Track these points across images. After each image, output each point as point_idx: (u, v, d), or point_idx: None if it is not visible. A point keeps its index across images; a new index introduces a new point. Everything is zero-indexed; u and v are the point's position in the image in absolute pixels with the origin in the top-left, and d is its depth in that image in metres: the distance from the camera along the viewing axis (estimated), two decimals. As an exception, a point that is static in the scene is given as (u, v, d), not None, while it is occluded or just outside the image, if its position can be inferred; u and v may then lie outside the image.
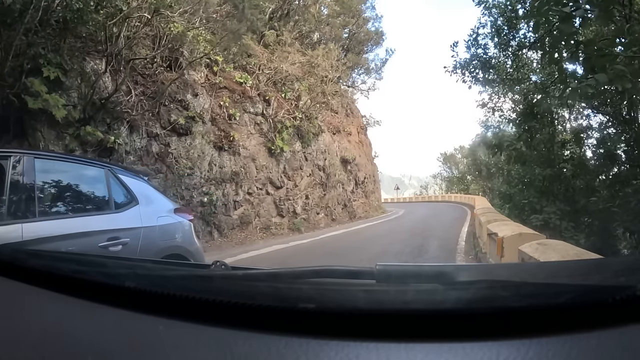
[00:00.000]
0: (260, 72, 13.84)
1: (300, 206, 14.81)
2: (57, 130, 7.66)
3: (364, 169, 24.35)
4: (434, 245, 9.93)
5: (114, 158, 8.63)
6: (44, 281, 1.11)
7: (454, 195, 47.39)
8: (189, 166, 10.26)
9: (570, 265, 1.56)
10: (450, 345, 0.74)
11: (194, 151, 10.53)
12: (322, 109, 17.55)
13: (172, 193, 9.74)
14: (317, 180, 16.91)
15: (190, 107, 10.71)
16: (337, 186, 19.21)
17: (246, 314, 0.84)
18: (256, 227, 12.19)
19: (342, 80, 20.32)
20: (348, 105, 25.13)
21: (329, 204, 17.58)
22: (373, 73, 29.47)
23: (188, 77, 11.10)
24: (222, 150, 11.51)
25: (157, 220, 3.56)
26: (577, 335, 0.73)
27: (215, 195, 10.98)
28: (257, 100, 13.57)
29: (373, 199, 25.86)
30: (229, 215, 11.40)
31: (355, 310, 0.82)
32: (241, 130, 12.46)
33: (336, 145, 20.38)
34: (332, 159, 18.93)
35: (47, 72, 7.29)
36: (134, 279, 1.02)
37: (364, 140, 27.38)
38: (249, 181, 12.37)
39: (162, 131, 9.89)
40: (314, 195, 16.01)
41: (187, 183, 10.29)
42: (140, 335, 0.89)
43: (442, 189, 61.91)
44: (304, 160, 15.92)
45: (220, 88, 12.28)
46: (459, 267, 2.99)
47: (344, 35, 25.03)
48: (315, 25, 19.41)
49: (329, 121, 20.31)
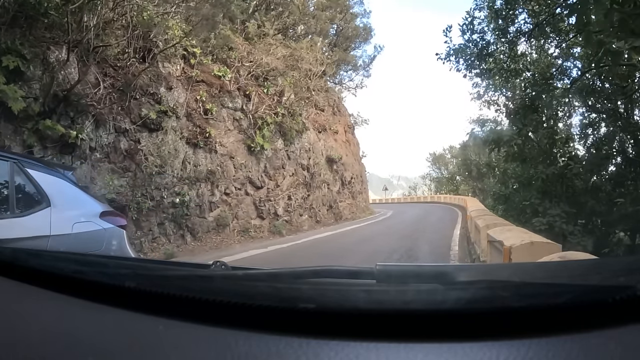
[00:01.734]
0: (240, 66, 13.57)
1: (282, 207, 14.55)
2: (15, 124, 7.33)
3: (351, 169, 24.45)
4: (425, 250, 9.75)
5: (77, 155, 8.31)
6: (44, 281, 1.13)
7: (444, 196, 48.50)
8: (159, 164, 9.94)
9: (570, 265, 1.60)
10: (450, 345, 0.76)
11: (165, 148, 10.27)
12: (306, 105, 17.41)
13: (141, 193, 9.53)
14: (301, 180, 16.73)
15: (163, 100, 10.47)
16: (322, 186, 19.12)
17: (246, 314, 0.86)
18: (234, 230, 11.90)
19: (329, 77, 20.13)
20: (335, 103, 25.31)
21: (314, 205, 17.44)
22: (361, 70, 29.88)
23: (163, 70, 10.87)
24: (197, 147, 11.20)
25: (73, 227, 3.10)
26: (577, 335, 0.75)
27: (189, 196, 10.70)
28: (237, 95, 13.30)
29: (360, 200, 26.00)
30: (204, 217, 11.09)
31: (355, 310, 0.84)
32: (218, 126, 12.15)
33: (322, 143, 20.33)
34: (317, 158, 18.83)
35: (6, 61, 7.00)
36: (134, 279, 1.03)
37: (351, 139, 27.61)
38: (227, 181, 12.05)
39: (132, 126, 9.60)
40: (297, 195, 15.80)
41: (158, 182, 10.00)
42: (140, 335, 0.91)
43: (431, 189, 63.75)
44: (286, 159, 15.69)
45: (198, 81, 12.06)
46: (459, 267, 3.08)
47: (331, 32, 24.85)
48: (300, 17, 19.04)
49: (315, 119, 20.29)
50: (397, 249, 9.83)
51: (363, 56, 31.23)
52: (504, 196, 21.71)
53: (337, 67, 23.44)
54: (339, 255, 9.76)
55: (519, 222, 14.15)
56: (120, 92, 9.45)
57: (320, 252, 10.23)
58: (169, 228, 10.08)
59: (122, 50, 9.74)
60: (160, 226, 9.95)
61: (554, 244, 5.53)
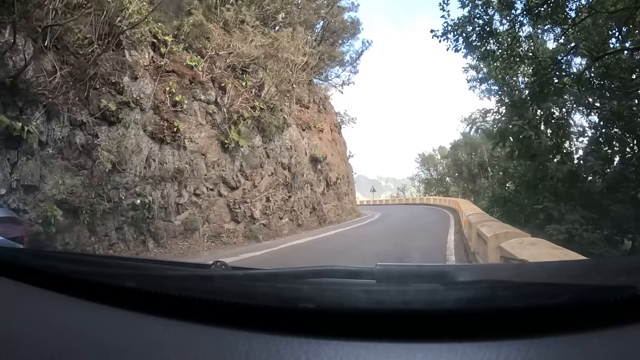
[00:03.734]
0: (215, 55, 12.97)
1: (260, 210, 14.11)
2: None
3: (337, 169, 24.38)
4: (417, 259, 9.05)
5: (23, 150, 7.83)
6: (44, 281, 1.17)
7: (433, 197, 49.13)
8: (119, 161, 9.51)
9: (570, 266, 1.65)
10: (450, 345, 0.80)
11: (127, 142, 9.81)
12: (288, 99, 17.03)
13: (98, 193, 9.07)
14: (281, 180, 16.42)
15: (126, 91, 10.11)
16: (305, 187, 18.84)
17: (246, 313, 0.89)
18: (204, 235, 11.44)
19: (312, 69, 19.64)
20: (321, 101, 25.41)
21: (295, 207, 17.15)
22: (348, 66, 29.97)
23: (129, 58, 10.50)
24: (163, 142, 10.75)
25: None
26: (577, 335, 0.79)
27: (151, 197, 10.27)
28: (210, 87, 12.88)
29: (347, 202, 26.00)
30: (170, 221, 10.61)
31: (355, 310, 0.87)
32: (189, 120, 11.66)
33: (305, 142, 20.10)
34: (300, 156, 18.58)
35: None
36: (134, 279, 1.07)
37: (338, 138, 27.72)
38: (197, 180, 11.52)
39: (89, 119, 9.18)
40: (276, 197, 15.43)
41: (117, 182, 9.58)
42: (140, 335, 0.94)
43: (420, 191, 65.09)
44: (265, 157, 15.30)
45: (168, 72, 11.70)
46: (459, 267, 3.15)
47: (318, 28, 25.12)
48: (282, 5, 18.45)
49: (298, 116, 20.15)
50: (385, 258, 9.22)
51: (350, 51, 31.10)
52: (503, 198, 20.53)
53: (321, 59, 23.11)
54: (320, 264, 9.09)
55: (526, 228, 12.28)
56: (79, 81, 9.00)
57: (298, 261, 9.59)
58: (128, 233, 9.54)
59: (85, 36, 9.29)
60: (119, 231, 9.55)
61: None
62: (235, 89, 13.95)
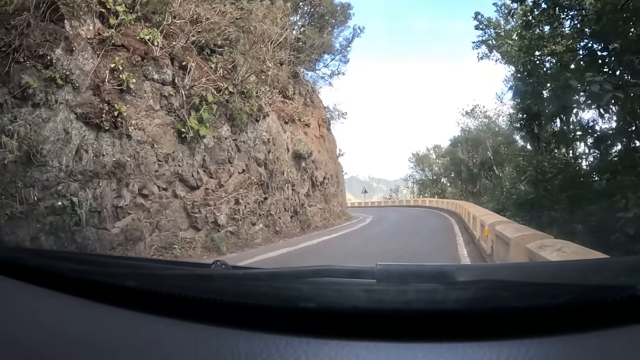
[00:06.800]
0: (180, 31, 11.43)
1: (226, 214, 12.98)
2: None
3: (324, 168, 23.73)
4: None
5: None
6: (44, 280, 1.22)
7: (428, 199, 49.12)
8: (40, 151, 8.29)
9: (570, 266, 1.73)
10: (450, 345, 0.85)
11: (51, 127, 8.66)
12: (266, 85, 15.72)
13: (9, 192, 7.81)
14: (255, 178, 15.53)
15: (55, 65, 8.98)
16: (285, 187, 18.03)
17: (246, 313, 0.94)
18: (151, 246, 10.52)
19: (291, 46, 18.32)
20: (308, 94, 24.69)
21: (272, 210, 16.38)
22: (337, 54, 29.67)
23: (70, 30, 9.48)
24: (101, 130, 9.31)
25: None
26: (577, 335, 0.84)
27: (79, 198, 9.03)
28: (167, 64, 11.80)
29: (335, 204, 25.43)
30: (104, 229, 9.43)
31: (355, 310, 0.92)
32: (136, 103, 10.62)
33: (287, 136, 19.43)
34: (280, 152, 17.84)
35: None
36: (134, 279, 1.12)
37: (327, 135, 27.14)
38: (143, 177, 10.35)
39: (8, 98, 8.15)
40: (248, 199, 14.50)
41: (36, 177, 8.40)
42: (140, 335, 0.98)
43: (414, 192, 65.77)
44: (234, 151, 14.36)
45: (117, 46, 10.71)
46: (459, 267, 3.07)
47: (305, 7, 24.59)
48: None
49: (281, 107, 19.42)
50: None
51: (340, 38, 30.29)
52: (528, 201, 17.54)
53: (306, 43, 21.63)
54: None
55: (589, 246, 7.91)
56: (1, 53, 8.15)
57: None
58: (46, 244, 8.15)
59: (22, 6, 8.44)
60: (34, 241, 8.37)
61: None
62: (199, 69, 13.11)
